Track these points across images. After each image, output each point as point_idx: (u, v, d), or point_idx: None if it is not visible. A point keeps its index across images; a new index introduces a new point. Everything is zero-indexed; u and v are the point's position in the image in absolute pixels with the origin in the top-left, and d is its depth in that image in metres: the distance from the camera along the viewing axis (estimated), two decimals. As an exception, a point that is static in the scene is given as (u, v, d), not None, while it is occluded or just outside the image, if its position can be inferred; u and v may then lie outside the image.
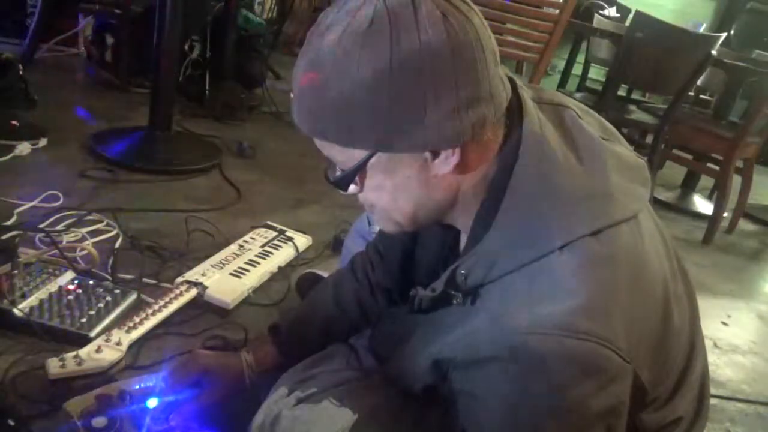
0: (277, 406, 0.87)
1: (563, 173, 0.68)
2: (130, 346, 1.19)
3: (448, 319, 0.74)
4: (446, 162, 0.68)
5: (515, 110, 0.71)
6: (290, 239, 1.75)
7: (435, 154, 0.67)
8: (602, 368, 0.63)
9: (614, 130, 0.81)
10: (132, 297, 1.33)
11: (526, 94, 0.74)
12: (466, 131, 0.65)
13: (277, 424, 0.84)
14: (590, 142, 0.72)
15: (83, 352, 1.12)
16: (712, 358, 1.77)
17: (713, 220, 2.73)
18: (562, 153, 0.69)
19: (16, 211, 1.64)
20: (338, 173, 0.72)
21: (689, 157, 3.16)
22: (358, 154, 0.68)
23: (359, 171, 0.69)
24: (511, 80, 0.73)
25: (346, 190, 0.73)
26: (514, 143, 0.69)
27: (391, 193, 0.72)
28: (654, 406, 0.74)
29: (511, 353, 0.63)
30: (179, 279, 1.44)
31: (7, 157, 1.95)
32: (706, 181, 3.31)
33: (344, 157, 0.69)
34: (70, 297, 1.27)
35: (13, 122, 2.13)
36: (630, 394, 0.67)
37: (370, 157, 0.68)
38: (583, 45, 3.76)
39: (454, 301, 0.73)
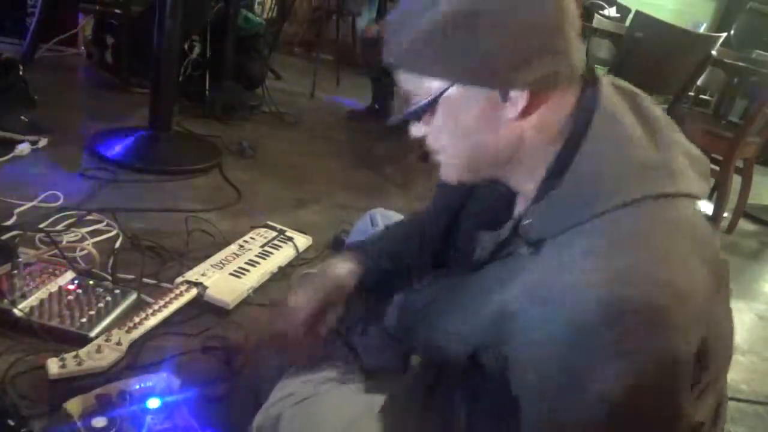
0: (277, 407, 0.87)
1: (635, 142, 0.71)
2: (130, 346, 1.19)
3: (512, 272, 0.73)
4: (514, 105, 0.70)
5: (590, 84, 0.74)
6: (290, 239, 1.75)
7: (505, 96, 0.70)
8: (671, 319, 0.62)
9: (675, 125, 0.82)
10: (132, 297, 1.33)
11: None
12: (539, 79, 0.69)
13: (278, 424, 0.84)
14: (660, 125, 0.74)
15: (83, 352, 1.12)
16: (712, 358, 1.77)
17: (713, 220, 2.73)
18: (634, 125, 0.72)
19: (16, 211, 1.64)
20: (412, 108, 0.75)
21: (689, 157, 3.15)
22: (435, 86, 0.71)
23: (433, 103, 0.72)
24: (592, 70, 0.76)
25: (419, 120, 0.76)
26: (589, 107, 0.72)
27: (457, 132, 0.74)
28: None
29: (580, 305, 0.63)
30: (179, 279, 1.44)
31: (7, 157, 1.95)
32: (706, 181, 3.31)
33: (422, 89, 0.73)
34: (70, 297, 1.27)
35: (22, 117, 2.14)
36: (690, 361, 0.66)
37: (445, 89, 0.71)
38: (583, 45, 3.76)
39: (520, 251, 0.73)
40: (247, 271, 1.54)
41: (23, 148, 2.01)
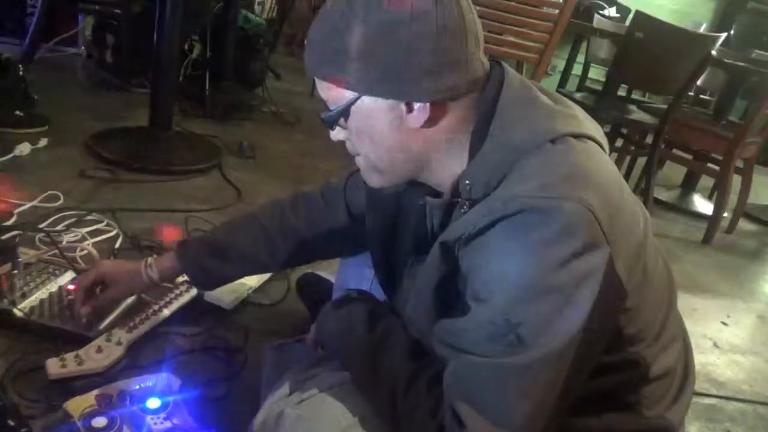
0: (279, 405, 0.87)
1: (541, 99, 0.79)
2: (130, 346, 1.19)
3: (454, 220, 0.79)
4: (417, 116, 0.77)
5: (495, 70, 0.80)
6: (290, 239, 1.74)
7: (409, 108, 0.76)
8: (581, 230, 0.67)
9: None
10: (132, 297, 1.33)
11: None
12: (438, 92, 0.75)
13: (280, 423, 0.84)
14: (564, 100, 0.82)
15: (83, 352, 1.12)
16: (712, 358, 1.77)
17: (713, 220, 2.73)
18: (538, 91, 0.80)
19: (16, 211, 1.64)
20: (327, 115, 0.81)
21: (689, 157, 3.16)
22: (347, 95, 0.77)
23: (345, 111, 0.78)
24: (500, 65, 0.81)
25: (333, 128, 0.82)
26: (498, 85, 0.78)
27: (372, 139, 0.80)
28: (646, 342, 0.80)
29: (504, 215, 0.69)
30: (179, 279, 1.43)
31: (7, 157, 1.95)
32: (706, 181, 3.31)
33: (336, 97, 0.79)
34: (70, 297, 1.27)
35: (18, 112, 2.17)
36: (607, 283, 0.69)
37: (355, 99, 0.77)
38: (583, 45, 3.76)
39: (462, 210, 0.77)
40: (247, 271, 1.53)
41: (23, 148, 2.01)
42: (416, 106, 0.76)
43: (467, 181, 0.77)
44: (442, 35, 0.73)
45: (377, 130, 0.79)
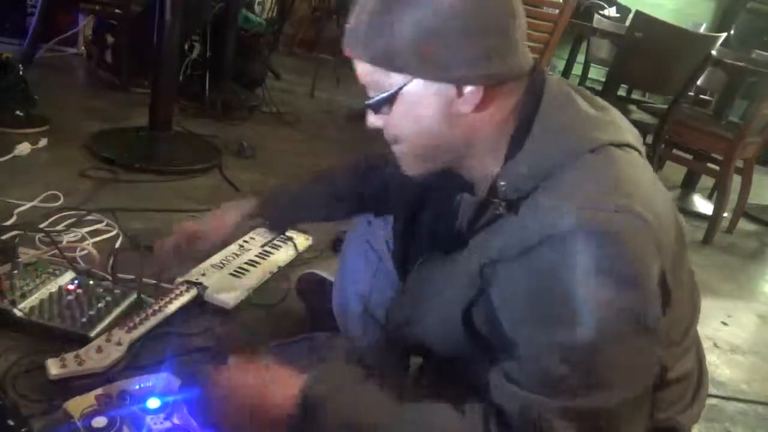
0: None
1: (582, 106, 0.78)
2: (130, 346, 1.19)
3: (492, 234, 0.77)
4: (469, 100, 0.75)
5: (536, 75, 0.80)
6: (290, 239, 1.75)
7: (459, 92, 0.75)
8: (642, 246, 0.68)
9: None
10: (132, 297, 1.33)
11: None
12: (492, 76, 0.75)
13: None
14: (599, 101, 0.82)
15: (83, 352, 1.12)
16: (712, 358, 1.77)
17: (713, 220, 2.73)
18: (578, 98, 0.80)
19: (16, 211, 1.64)
20: (373, 100, 0.79)
21: (689, 157, 3.15)
22: (396, 79, 0.75)
23: (395, 96, 0.77)
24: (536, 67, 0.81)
25: (379, 112, 0.80)
26: (539, 89, 0.78)
27: (416, 124, 0.78)
28: (667, 345, 0.80)
29: (558, 232, 0.68)
30: (179, 279, 1.43)
31: (7, 157, 1.95)
32: (706, 181, 3.31)
33: (380, 82, 0.77)
34: (70, 297, 1.27)
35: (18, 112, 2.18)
36: (663, 296, 0.71)
37: (406, 83, 0.75)
38: (583, 45, 3.76)
39: (499, 209, 0.76)
40: (247, 271, 1.54)
41: (23, 148, 2.01)
42: (467, 90, 0.75)
43: (503, 182, 0.76)
44: (497, 19, 0.73)
45: (424, 115, 0.77)
